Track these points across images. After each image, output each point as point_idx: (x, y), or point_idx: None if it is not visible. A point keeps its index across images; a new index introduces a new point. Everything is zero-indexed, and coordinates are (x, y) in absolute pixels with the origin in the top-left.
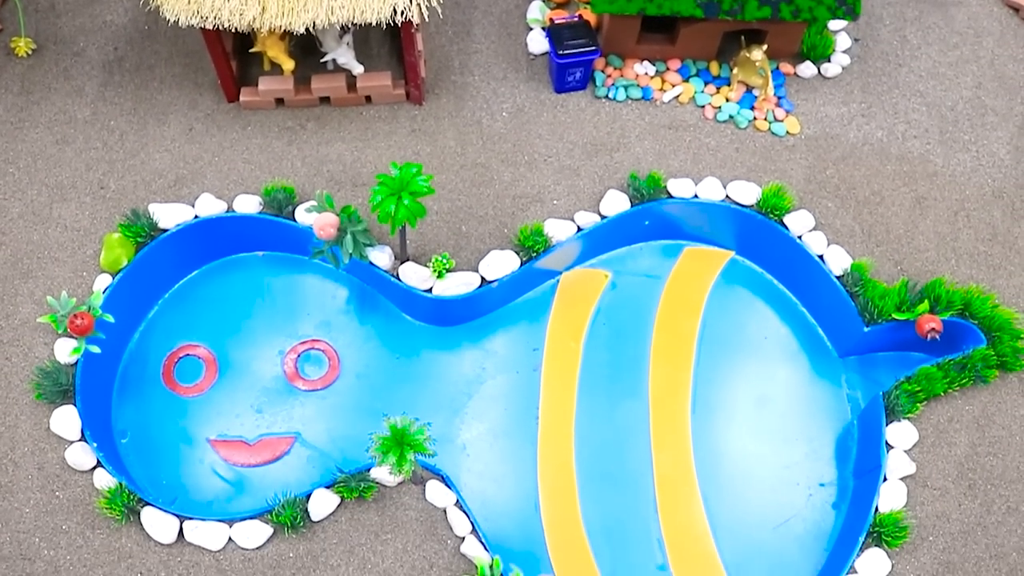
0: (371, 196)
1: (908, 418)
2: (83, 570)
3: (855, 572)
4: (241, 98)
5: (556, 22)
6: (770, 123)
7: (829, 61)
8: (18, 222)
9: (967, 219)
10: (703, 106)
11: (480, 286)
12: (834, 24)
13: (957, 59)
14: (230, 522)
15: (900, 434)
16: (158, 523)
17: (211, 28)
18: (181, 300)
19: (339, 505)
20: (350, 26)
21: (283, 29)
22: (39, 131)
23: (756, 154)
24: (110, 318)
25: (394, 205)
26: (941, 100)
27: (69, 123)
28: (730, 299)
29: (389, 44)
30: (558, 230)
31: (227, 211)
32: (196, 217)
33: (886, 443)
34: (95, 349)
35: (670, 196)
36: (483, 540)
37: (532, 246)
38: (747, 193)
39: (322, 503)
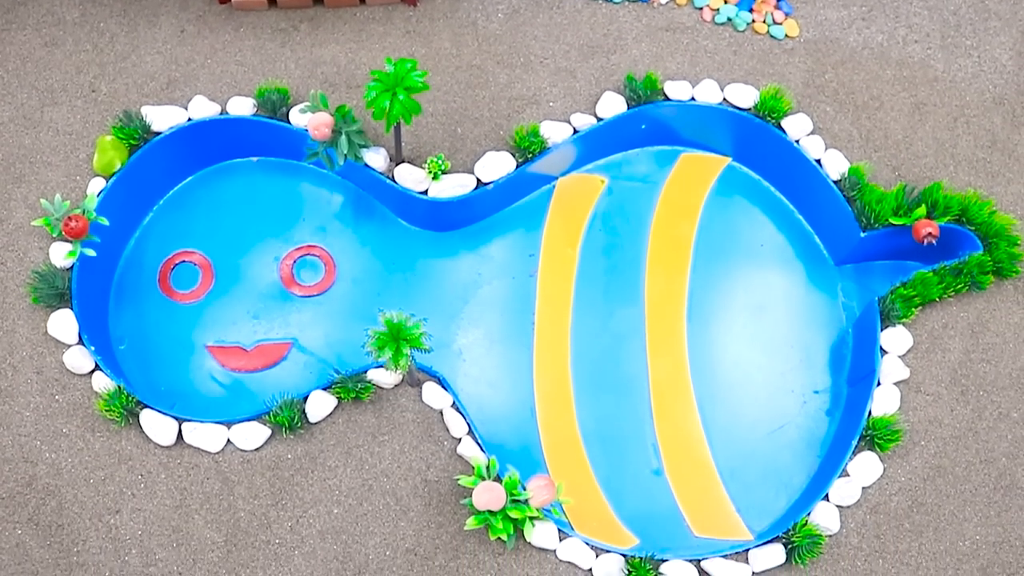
0: (365, 92)
1: (903, 323)
2: (84, 472)
3: (847, 475)
4: None
5: None
6: (768, 26)
7: None
8: (9, 126)
9: (967, 125)
10: (701, 8)
11: (476, 188)
12: None
13: None
14: (228, 424)
15: (894, 339)
16: (157, 425)
17: None
18: (176, 206)
19: (336, 407)
20: None
21: None
22: (27, 33)
23: (754, 57)
24: (104, 221)
25: (389, 101)
26: (943, 4)
27: (58, 25)
28: (726, 206)
29: None
30: (554, 132)
31: (221, 113)
32: (190, 120)
33: (880, 348)
34: (90, 252)
35: (667, 99)
36: (479, 442)
37: (528, 147)
38: (745, 96)
39: (319, 404)
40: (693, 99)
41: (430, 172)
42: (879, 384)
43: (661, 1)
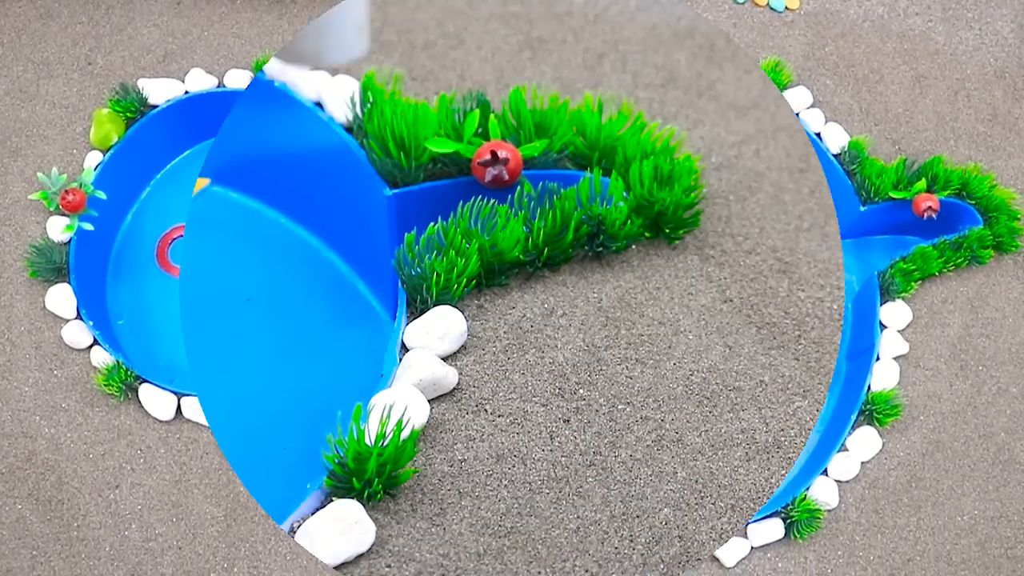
0: None
1: (902, 298)
2: (84, 447)
3: (846, 450)
4: None
5: None
6: None
7: None
8: (4, 100)
9: (967, 99)
10: None
11: None
12: None
13: None
14: None
15: (894, 314)
16: (156, 400)
17: None
18: (173, 181)
19: None
20: None
21: None
22: (22, 5)
23: (754, 30)
24: (102, 195)
25: None
26: None
27: None
28: None
29: None
30: None
31: (218, 86)
32: (187, 93)
33: (880, 323)
34: (88, 226)
35: None
36: None
37: None
38: None
39: None
40: None
41: None
42: (878, 359)
43: None
